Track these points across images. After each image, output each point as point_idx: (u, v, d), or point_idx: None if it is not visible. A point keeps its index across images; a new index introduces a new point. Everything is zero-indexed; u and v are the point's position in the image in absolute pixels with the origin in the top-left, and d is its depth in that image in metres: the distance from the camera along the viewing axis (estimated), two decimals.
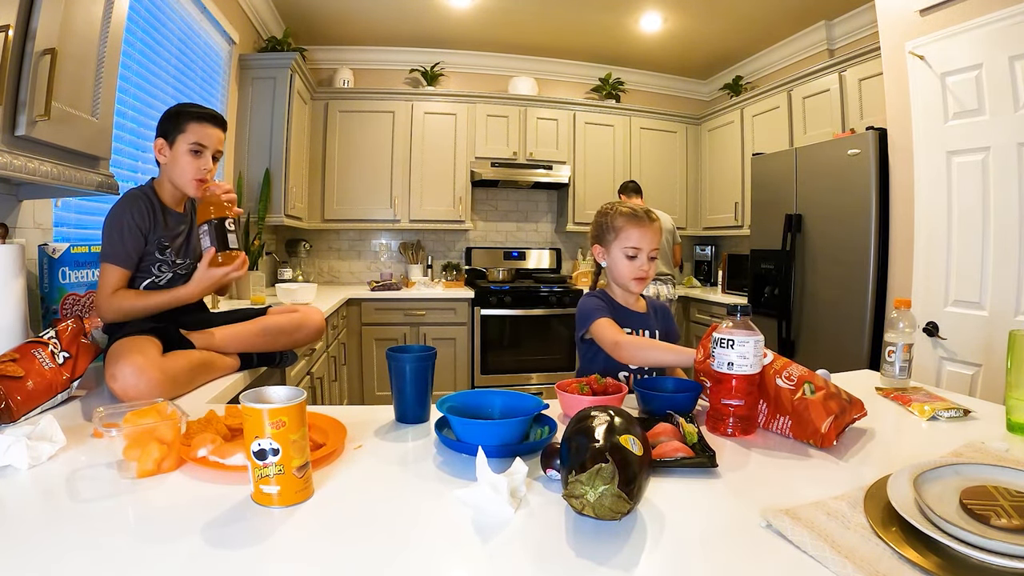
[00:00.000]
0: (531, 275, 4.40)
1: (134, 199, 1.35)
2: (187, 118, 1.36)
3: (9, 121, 1.09)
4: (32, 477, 0.74)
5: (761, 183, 3.38)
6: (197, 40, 2.75)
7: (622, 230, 1.37)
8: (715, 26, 3.92)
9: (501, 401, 0.97)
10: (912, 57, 2.17)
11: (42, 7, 1.11)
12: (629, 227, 1.37)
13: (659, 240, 1.38)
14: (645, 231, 1.36)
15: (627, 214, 1.38)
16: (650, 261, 1.38)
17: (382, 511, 0.68)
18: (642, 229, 1.36)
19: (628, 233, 1.36)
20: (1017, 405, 0.99)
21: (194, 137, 1.35)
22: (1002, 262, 1.92)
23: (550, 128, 4.31)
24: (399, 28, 4.05)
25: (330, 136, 4.01)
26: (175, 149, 1.36)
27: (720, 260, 4.48)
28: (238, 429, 0.86)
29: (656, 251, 1.38)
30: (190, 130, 1.35)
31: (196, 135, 1.36)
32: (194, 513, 0.65)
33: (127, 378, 1.09)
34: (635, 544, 0.61)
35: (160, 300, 1.33)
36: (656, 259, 1.39)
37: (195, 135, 1.35)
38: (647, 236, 1.36)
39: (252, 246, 3.16)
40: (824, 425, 0.89)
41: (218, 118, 1.41)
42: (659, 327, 1.44)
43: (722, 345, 0.94)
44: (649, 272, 1.38)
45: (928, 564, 0.55)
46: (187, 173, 1.36)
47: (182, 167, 1.36)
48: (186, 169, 1.36)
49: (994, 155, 1.94)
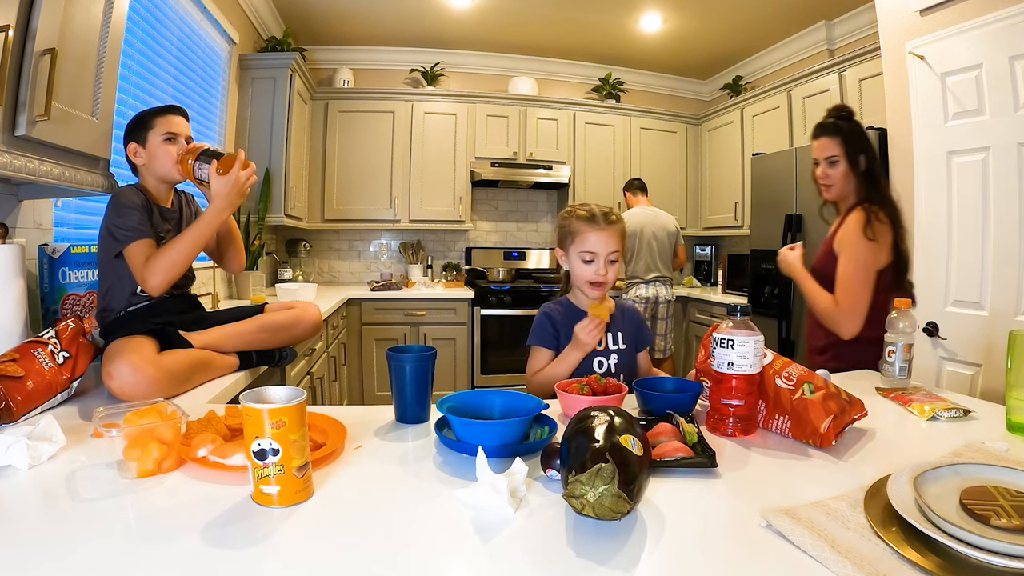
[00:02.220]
0: (531, 275, 4.40)
1: (129, 188, 1.37)
2: (150, 116, 1.41)
3: (9, 121, 1.09)
4: (32, 477, 0.74)
5: (761, 183, 3.38)
6: (197, 40, 2.75)
7: (578, 233, 1.33)
8: (715, 26, 3.92)
9: (501, 401, 0.97)
10: (912, 57, 2.17)
11: (42, 7, 1.11)
12: (585, 230, 1.31)
13: (618, 244, 1.31)
14: (601, 234, 1.29)
15: (583, 217, 1.33)
16: (609, 265, 1.31)
17: (382, 511, 0.68)
18: (598, 232, 1.30)
19: (584, 236, 1.31)
20: (1017, 405, 0.99)
21: (164, 128, 1.40)
22: (1002, 262, 1.92)
23: (550, 128, 4.32)
24: (399, 28, 4.05)
25: (330, 136, 4.01)
26: (149, 145, 1.39)
27: (720, 260, 4.48)
28: (238, 429, 0.86)
29: (616, 254, 1.31)
30: (158, 124, 1.40)
31: (165, 126, 1.40)
32: (194, 513, 0.65)
33: (124, 376, 1.09)
34: (635, 544, 0.61)
35: (193, 234, 1.31)
36: (617, 263, 1.32)
37: (164, 127, 1.40)
38: (603, 239, 1.29)
39: (252, 246, 3.16)
40: (823, 425, 0.89)
41: (178, 108, 1.46)
42: (625, 330, 1.39)
43: (722, 345, 0.94)
44: (607, 277, 1.31)
45: (928, 564, 0.55)
46: (168, 160, 1.39)
47: (161, 158, 1.39)
48: (165, 158, 1.39)
49: (994, 155, 1.94)
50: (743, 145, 4.09)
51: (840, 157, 1.59)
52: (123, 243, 1.29)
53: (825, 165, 1.62)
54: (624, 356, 1.39)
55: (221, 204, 1.34)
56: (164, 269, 1.28)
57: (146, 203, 1.36)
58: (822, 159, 1.62)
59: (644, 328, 1.47)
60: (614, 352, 1.37)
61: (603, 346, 1.36)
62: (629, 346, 1.40)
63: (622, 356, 1.38)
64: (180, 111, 1.46)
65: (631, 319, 1.44)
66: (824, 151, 1.61)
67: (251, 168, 1.37)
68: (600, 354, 1.36)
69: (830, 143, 1.60)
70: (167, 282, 1.29)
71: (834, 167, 1.60)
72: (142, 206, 1.34)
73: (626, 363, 1.39)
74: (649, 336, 1.46)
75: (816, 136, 1.64)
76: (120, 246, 1.30)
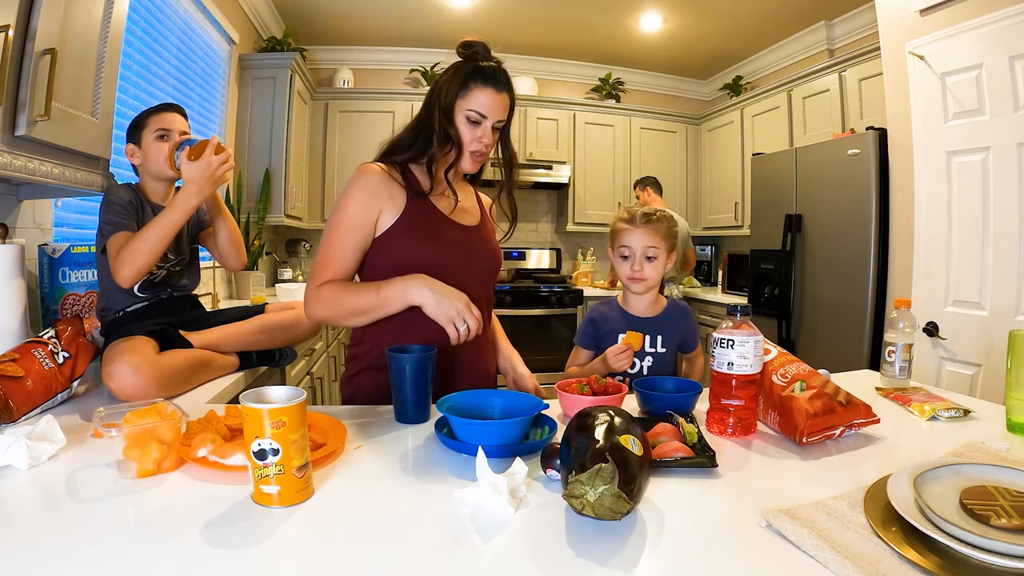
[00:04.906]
0: (531, 275, 4.40)
1: (118, 186, 1.38)
2: (145, 116, 1.42)
3: (9, 121, 1.09)
4: (32, 477, 0.74)
5: (761, 183, 3.38)
6: (197, 40, 2.75)
7: (617, 232, 1.40)
8: (715, 26, 3.92)
9: (501, 401, 0.97)
10: (912, 57, 2.17)
11: (42, 7, 1.11)
12: (621, 229, 1.39)
13: (653, 240, 1.35)
14: (634, 231, 1.36)
15: (622, 216, 1.40)
16: (646, 262, 1.35)
17: (382, 511, 0.68)
18: (631, 229, 1.36)
19: (620, 235, 1.39)
20: (1017, 405, 0.99)
21: (156, 125, 1.40)
22: (1002, 262, 1.92)
23: (550, 128, 4.31)
24: (399, 28, 4.05)
25: (330, 136, 4.01)
26: (144, 144, 1.40)
27: (720, 260, 4.48)
28: (238, 429, 0.86)
29: (655, 251, 1.35)
30: (151, 123, 1.40)
31: (157, 123, 1.40)
32: (194, 513, 0.65)
33: (124, 376, 1.09)
34: (635, 544, 0.61)
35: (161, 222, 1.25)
36: (656, 260, 1.36)
37: (157, 124, 1.40)
38: (636, 236, 1.35)
39: (252, 246, 3.16)
40: (802, 422, 0.89)
41: (173, 105, 1.46)
42: (668, 333, 1.39)
43: (722, 345, 0.94)
44: (645, 274, 1.35)
45: (928, 564, 0.55)
46: (160, 157, 1.38)
47: (153, 154, 1.39)
48: (158, 155, 1.39)
49: (994, 155, 1.94)
50: (743, 145, 4.09)
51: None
52: (106, 237, 1.29)
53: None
54: (661, 359, 1.38)
55: (191, 190, 1.28)
56: (132, 259, 1.22)
57: (135, 200, 1.36)
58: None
59: (692, 331, 1.46)
60: (649, 355, 1.37)
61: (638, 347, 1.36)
62: (669, 349, 1.40)
63: (658, 359, 1.38)
64: (175, 108, 1.45)
65: (679, 322, 1.43)
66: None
67: (225, 153, 1.32)
68: (635, 355, 1.36)
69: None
70: (136, 272, 1.23)
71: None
72: (129, 202, 1.33)
73: (662, 365, 1.38)
74: (695, 340, 1.46)
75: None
76: (104, 240, 1.29)
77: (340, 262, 1.12)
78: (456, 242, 1.18)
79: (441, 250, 1.15)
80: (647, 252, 1.36)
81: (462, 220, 1.23)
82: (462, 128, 1.16)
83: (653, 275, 1.37)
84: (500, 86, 1.17)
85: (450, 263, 1.15)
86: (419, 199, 1.17)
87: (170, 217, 1.26)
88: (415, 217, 1.16)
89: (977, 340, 1.98)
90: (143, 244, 1.23)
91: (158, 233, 1.24)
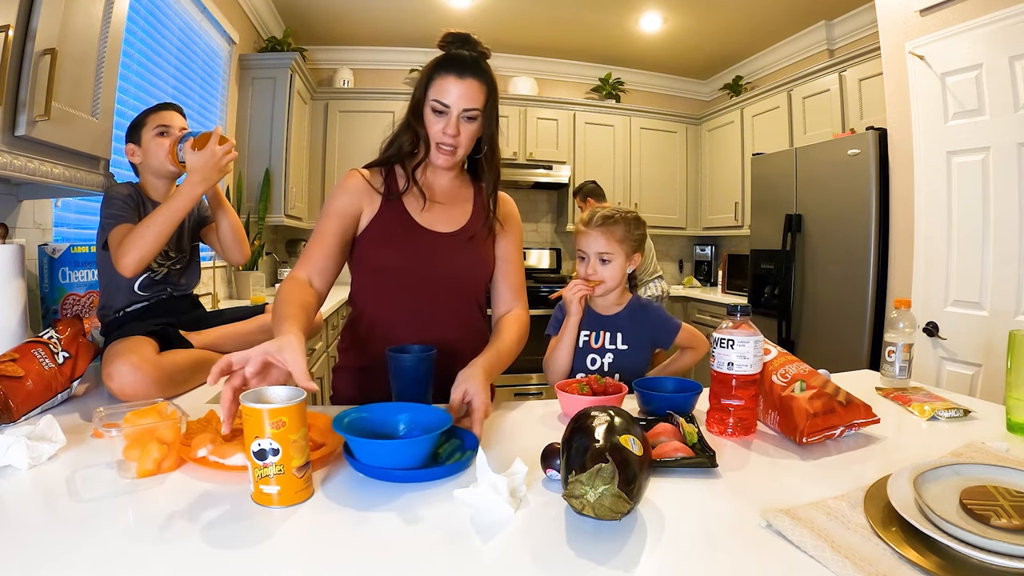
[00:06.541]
0: (531, 275, 4.40)
1: (117, 183, 1.39)
2: (143, 116, 1.42)
3: (9, 121, 1.09)
4: (32, 477, 0.74)
5: (761, 183, 3.38)
6: (197, 40, 2.75)
7: (575, 234, 1.44)
8: (715, 26, 3.92)
9: (408, 417, 0.86)
10: (912, 57, 2.17)
11: (42, 7, 1.11)
12: (577, 230, 1.43)
13: (608, 244, 1.35)
14: (588, 234, 1.37)
15: (582, 218, 1.43)
16: (601, 264, 1.35)
17: (382, 511, 0.68)
18: (586, 232, 1.38)
19: (576, 237, 1.42)
20: (1017, 405, 0.99)
21: (156, 123, 1.40)
22: (1002, 262, 1.92)
23: (550, 128, 4.31)
24: (399, 28, 4.05)
25: (330, 136, 4.01)
26: (143, 142, 1.40)
27: (720, 260, 4.48)
28: (238, 429, 0.86)
29: (606, 253, 1.35)
30: (149, 121, 1.41)
31: (156, 121, 1.41)
32: (194, 513, 0.65)
33: (124, 376, 1.08)
34: (635, 544, 0.61)
35: (166, 211, 1.25)
36: (612, 263, 1.35)
37: (156, 121, 1.41)
38: (590, 239, 1.36)
39: (252, 246, 3.16)
40: (802, 422, 0.89)
41: (172, 104, 1.46)
42: (631, 330, 1.38)
43: (722, 345, 0.94)
44: (599, 276, 1.35)
45: (928, 564, 0.55)
46: (160, 152, 1.39)
47: (154, 150, 1.39)
48: (158, 151, 1.39)
49: (994, 155, 1.94)
50: (743, 145, 4.09)
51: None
52: (107, 231, 1.29)
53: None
54: (623, 357, 1.36)
55: (195, 179, 1.29)
56: (136, 245, 1.22)
57: (134, 195, 1.36)
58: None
59: (662, 326, 1.42)
60: (610, 351, 1.36)
61: (599, 344, 1.36)
62: (633, 347, 1.37)
63: (620, 356, 1.36)
64: (175, 107, 1.46)
65: (645, 320, 1.41)
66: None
67: (229, 144, 1.33)
68: (595, 351, 1.36)
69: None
70: (138, 260, 1.22)
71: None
72: (129, 195, 1.34)
73: (626, 364, 1.35)
74: (667, 335, 1.42)
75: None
76: (105, 235, 1.29)
77: (319, 244, 1.13)
78: (419, 249, 1.16)
79: (399, 256, 1.15)
80: (601, 256, 1.36)
81: (435, 226, 1.18)
82: (428, 120, 1.13)
83: (610, 277, 1.36)
84: (465, 72, 1.10)
85: (407, 270, 1.15)
86: (392, 201, 1.17)
87: (175, 205, 1.26)
88: (383, 221, 1.17)
89: (977, 340, 1.98)
90: (147, 231, 1.23)
91: (162, 220, 1.25)
